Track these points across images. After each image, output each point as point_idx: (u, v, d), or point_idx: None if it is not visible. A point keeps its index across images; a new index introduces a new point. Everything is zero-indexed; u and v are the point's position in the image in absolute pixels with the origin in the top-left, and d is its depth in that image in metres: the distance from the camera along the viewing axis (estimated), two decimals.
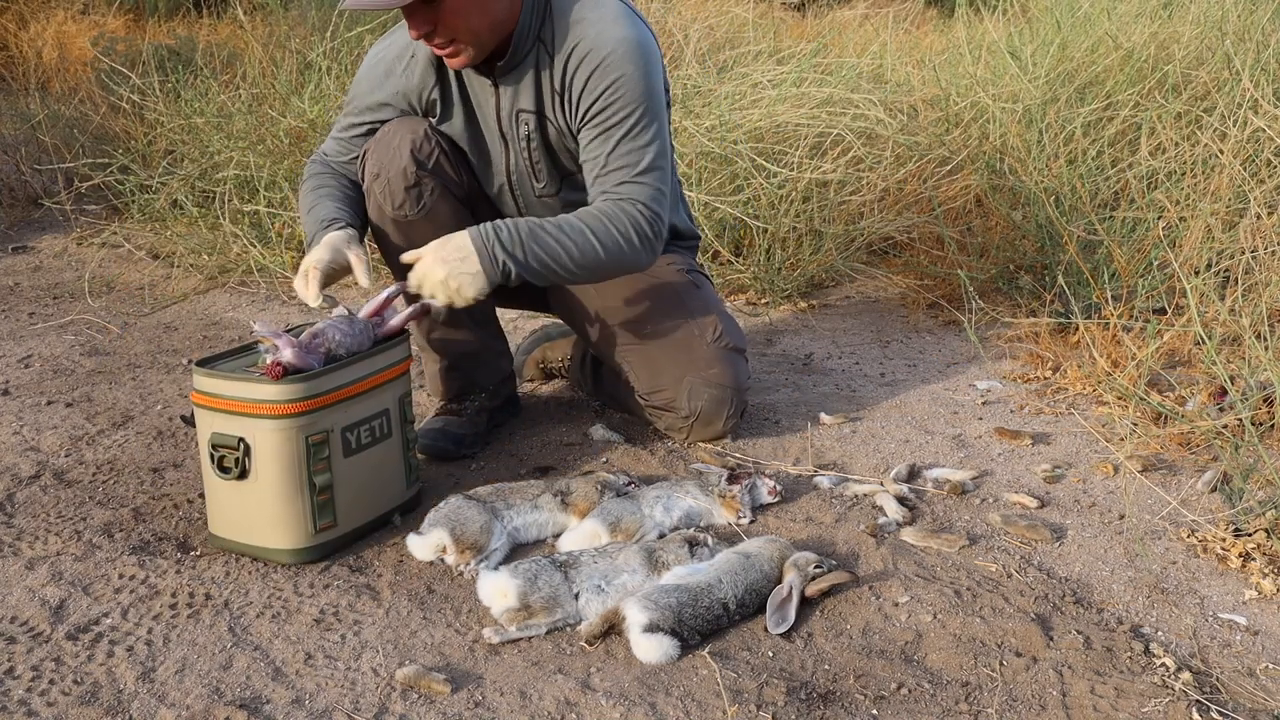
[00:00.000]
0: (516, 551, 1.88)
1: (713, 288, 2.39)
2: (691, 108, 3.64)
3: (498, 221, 1.96)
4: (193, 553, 1.87)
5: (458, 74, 2.10)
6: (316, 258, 1.96)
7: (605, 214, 2.00)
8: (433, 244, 1.96)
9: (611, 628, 1.60)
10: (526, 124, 2.09)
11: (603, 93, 1.98)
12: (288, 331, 1.83)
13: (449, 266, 1.92)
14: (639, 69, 1.98)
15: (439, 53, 1.98)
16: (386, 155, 2.12)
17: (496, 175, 2.20)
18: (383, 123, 2.18)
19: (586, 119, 2.02)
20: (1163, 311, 2.81)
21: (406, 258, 2.00)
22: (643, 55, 1.99)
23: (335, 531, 1.85)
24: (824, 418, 2.47)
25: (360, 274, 1.97)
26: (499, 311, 2.47)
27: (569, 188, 2.20)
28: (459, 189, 2.18)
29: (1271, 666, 1.56)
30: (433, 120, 2.16)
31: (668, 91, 2.17)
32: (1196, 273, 2.67)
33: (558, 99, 2.04)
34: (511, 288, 2.01)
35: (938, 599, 1.71)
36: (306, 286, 1.94)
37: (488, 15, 1.93)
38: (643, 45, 2.00)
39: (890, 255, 3.68)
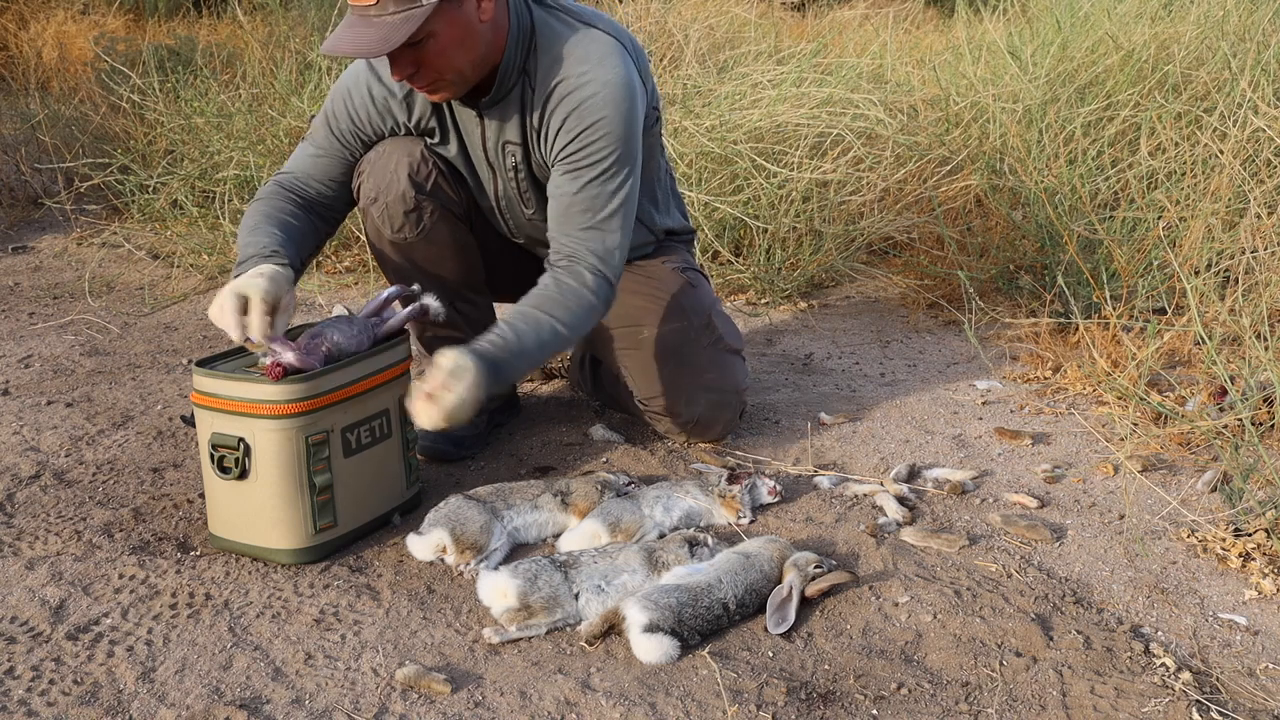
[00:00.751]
0: (516, 551, 1.88)
1: (709, 286, 2.39)
2: (691, 108, 3.64)
3: (491, 353, 1.81)
4: (193, 553, 1.87)
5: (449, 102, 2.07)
6: (262, 289, 1.76)
7: (565, 294, 1.93)
8: (453, 373, 1.74)
9: (611, 628, 1.60)
10: (513, 155, 2.06)
11: (579, 134, 1.94)
12: (286, 333, 1.83)
13: (472, 394, 1.74)
14: (619, 113, 1.93)
15: (419, 90, 1.95)
16: (384, 180, 2.08)
17: (487, 198, 2.19)
18: (371, 143, 2.11)
19: (560, 157, 1.97)
20: (1163, 311, 2.81)
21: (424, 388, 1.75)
22: (625, 98, 1.94)
23: (335, 532, 1.85)
24: (824, 418, 2.47)
25: (261, 325, 1.74)
26: (498, 311, 2.47)
27: None
28: (458, 207, 2.17)
29: (1271, 666, 1.56)
30: (429, 141, 2.12)
31: (657, 109, 2.16)
32: (1196, 273, 2.67)
33: (536, 135, 2.02)
34: (510, 289, 1.95)
35: (938, 599, 1.71)
36: (246, 315, 1.74)
37: (471, 53, 1.89)
38: (626, 87, 1.94)
39: (890, 255, 3.68)
